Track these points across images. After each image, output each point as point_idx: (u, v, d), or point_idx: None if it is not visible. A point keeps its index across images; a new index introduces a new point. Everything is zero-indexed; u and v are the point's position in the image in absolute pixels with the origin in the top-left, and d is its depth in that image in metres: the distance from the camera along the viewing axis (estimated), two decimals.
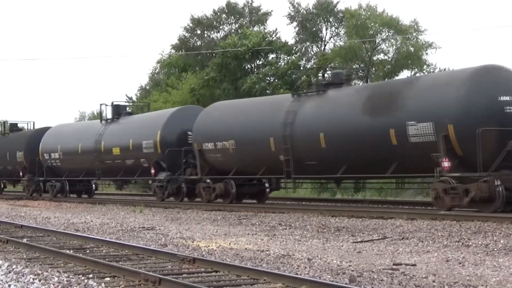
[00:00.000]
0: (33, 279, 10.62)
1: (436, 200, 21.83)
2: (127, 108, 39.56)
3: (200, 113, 31.87)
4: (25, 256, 13.91)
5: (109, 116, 38.65)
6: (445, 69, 45.17)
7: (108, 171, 37.61)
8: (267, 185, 30.94)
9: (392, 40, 47.71)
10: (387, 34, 48.04)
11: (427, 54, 47.70)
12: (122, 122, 37.29)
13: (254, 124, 28.53)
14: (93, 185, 42.72)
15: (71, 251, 14.37)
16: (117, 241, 16.03)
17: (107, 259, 12.95)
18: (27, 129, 49.26)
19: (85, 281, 10.43)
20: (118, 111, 38.19)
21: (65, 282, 10.33)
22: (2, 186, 50.18)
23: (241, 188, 30.11)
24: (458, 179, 21.25)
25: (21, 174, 42.59)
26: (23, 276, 10.95)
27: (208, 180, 30.73)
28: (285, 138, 26.54)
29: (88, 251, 14.77)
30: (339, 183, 31.66)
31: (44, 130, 43.98)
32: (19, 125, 50.97)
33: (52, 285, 10.09)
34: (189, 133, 31.95)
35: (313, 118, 25.91)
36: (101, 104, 39.38)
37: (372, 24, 47.27)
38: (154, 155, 32.97)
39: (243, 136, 28.81)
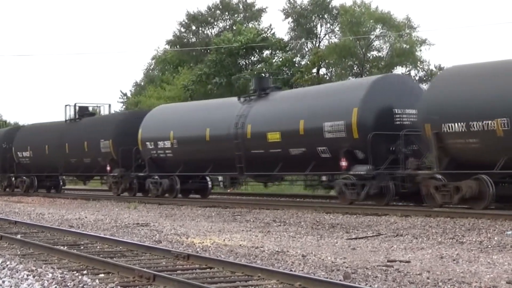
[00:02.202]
0: (27, 275, 10.61)
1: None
2: (269, 82, 30.77)
3: None
4: (19, 252, 13.89)
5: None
6: (440, 66, 45.30)
7: (254, 163, 28.62)
8: None
9: (386, 38, 47.76)
10: (380, 31, 48.10)
11: (420, 51, 47.83)
12: (271, 99, 29.09)
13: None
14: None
15: (65, 247, 14.34)
16: (112, 238, 16.02)
17: (101, 256, 12.93)
18: (102, 113, 44.15)
19: (79, 277, 10.42)
20: (262, 85, 30.01)
21: (59, 278, 10.32)
22: (61, 183, 44.44)
23: None
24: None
25: (108, 168, 35.45)
26: (17, 272, 10.94)
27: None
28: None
29: (82, 247, 14.74)
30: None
31: (140, 113, 37.27)
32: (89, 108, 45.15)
33: (46, 281, 10.07)
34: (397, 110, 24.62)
35: None
36: (242, 76, 39.62)
37: (365, 19, 47.27)
38: (346, 140, 24.69)
39: None
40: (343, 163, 24.52)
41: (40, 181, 42.94)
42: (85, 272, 11.15)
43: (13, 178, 44.77)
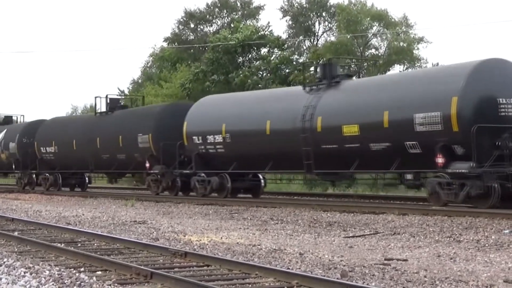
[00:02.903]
0: (24, 272, 10.60)
1: None
2: (338, 69, 27.35)
3: None
4: (16, 249, 13.89)
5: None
6: (438, 64, 45.28)
7: (325, 159, 25.71)
8: None
9: (383, 35, 47.81)
10: (377, 28, 48.14)
11: (418, 49, 47.89)
12: (344, 88, 26.09)
13: None
14: None
15: (63, 245, 14.35)
16: (109, 235, 16.02)
17: (98, 253, 12.94)
18: (132, 106, 40.85)
19: (77, 274, 10.41)
20: (330, 72, 26.64)
21: (57, 275, 10.31)
22: (87, 180, 41.84)
23: None
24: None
25: (147, 165, 32.53)
26: (14, 269, 10.93)
27: None
28: None
29: (79, 245, 14.75)
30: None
31: (183, 104, 34.92)
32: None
33: (43, 279, 10.07)
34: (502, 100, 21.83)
35: None
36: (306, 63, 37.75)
37: (362, 17, 47.31)
38: (443, 134, 21.91)
39: None
40: (440, 160, 21.64)
41: (64, 178, 40.48)
42: (82, 269, 11.14)
43: (34, 175, 42.22)
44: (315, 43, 55.47)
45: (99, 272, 10.95)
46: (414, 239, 15.35)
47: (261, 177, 30.48)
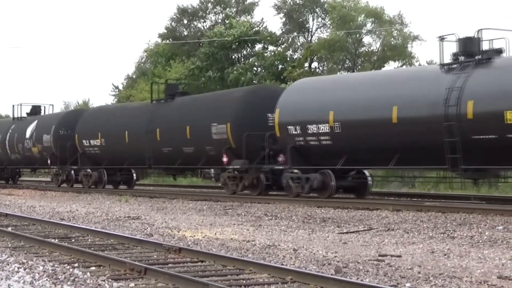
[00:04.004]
0: (18, 268, 10.59)
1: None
2: (480, 45, 22.45)
3: None
4: (10, 245, 13.87)
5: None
6: (431, 61, 45.36)
7: (477, 153, 21.57)
8: None
9: (378, 33, 47.87)
10: (372, 25, 48.20)
11: (412, 47, 48.02)
12: (501, 65, 21.83)
13: None
14: None
15: (56, 240, 14.33)
16: (103, 230, 16.01)
17: (92, 249, 12.92)
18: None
19: (71, 270, 10.40)
20: (473, 48, 22.43)
21: (50, 271, 10.30)
22: (135, 177, 37.77)
23: None
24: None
25: (224, 159, 28.30)
26: (8, 265, 10.92)
27: None
28: None
29: (73, 240, 14.73)
30: None
31: (269, 89, 31.74)
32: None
33: (37, 274, 10.05)
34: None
35: None
36: None
37: (355, 14, 47.35)
38: None
39: None
40: None
41: (109, 175, 35.92)
42: (76, 265, 11.13)
43: (73, 171, 37.57)
44: (309, 39, 55.46)
45: (93, 268, 10.94)
46: (408, 235, 15.36)
47: (367, 174, 26.40)
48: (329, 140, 24.78)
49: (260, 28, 55.31)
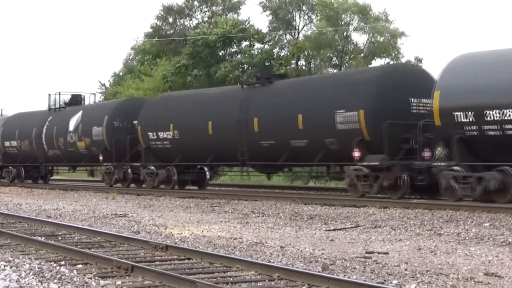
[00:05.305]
0: (4, 266, 10.53)
1: None
2: None
3: None
4: None
5: None
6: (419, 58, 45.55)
7: None
8: None
9: (364, 29, 47.96)
10: (359, 22, 48.27)
11: (400, 43, 48.10)
12: None
13: None
14: None
15: (43, 238, 14.30)
16: (89, 228, 15.98)
17: (79, 246, 12.90)
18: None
19: (57, 268, 10.36)
20: None
21: (37, 269, 10.26)
22: (208, 176, 32.70)
23: None
24: None
25: (356, 154, 23.28)
26: None
27: None
28: None
29: (60, 238, 14.70)
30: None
31: (406, 68, 27.39)
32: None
33: (23, 272, 10.01)
34: None
35: None
36: None
37: (343, 10, 47.44)
38: None
39: None
40: None
41: (178, 173, 30.68)
42: (62, 262, 11.10)
43: (129, 169, 32.82)
44: (296, 36, 55.48)
45: (80, 266, 10.91)
46: (395, 232, 15.39)
47: None
48: None
49: (246, 26, 55.24)
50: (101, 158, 33.86)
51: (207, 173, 32.04)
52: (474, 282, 9.52)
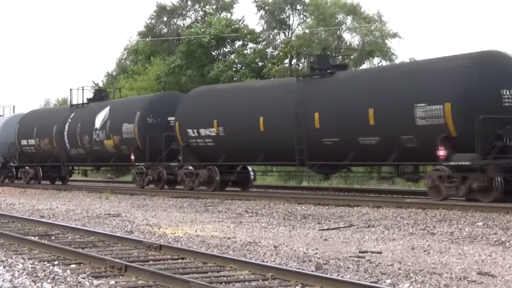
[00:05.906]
0: None
1: None
2: None
3: None
4: None
5: None
6: (413, 58, 45.50)
7: None
8: None
9: (357, 30, 48.06)
10: (351, 22, 48.40)
11: (391, 43, 48.25)
12: None
13: None
14: None
15: (36, 238, 14.29)
16: (83, 228, 15.97)
17: (72, 246, 12.89)
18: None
19: (51, 268, 10.35)
20: None
21: (30, 269, 10.25)
22: (252, 176, 29.85)
23: None
24: None
25: (442, 153, 20.57)
26: None
27: None
28: None
29: (53, 238, 14.69)
30: None
31: (505, 56, 21.64)
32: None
33: (16, 272, 10.00)
34: None
35: None
36: None
37: (335, 11, 47.52)
38: None
39: None
40: None
41: (221, 173, 28.03)
42: (56, 262, 11.09)
43: (164, 170, 30.18)
44: (289, 35, 55.53)
45: (73, 265, 10.91)
46: (388, 231, 15.40)
47: None
48: None
49: (239, 26, 55.26)
50: (132, 157, 31.34)
51: (251, 173, 29.43)
52: (467, 282, 9.53)
